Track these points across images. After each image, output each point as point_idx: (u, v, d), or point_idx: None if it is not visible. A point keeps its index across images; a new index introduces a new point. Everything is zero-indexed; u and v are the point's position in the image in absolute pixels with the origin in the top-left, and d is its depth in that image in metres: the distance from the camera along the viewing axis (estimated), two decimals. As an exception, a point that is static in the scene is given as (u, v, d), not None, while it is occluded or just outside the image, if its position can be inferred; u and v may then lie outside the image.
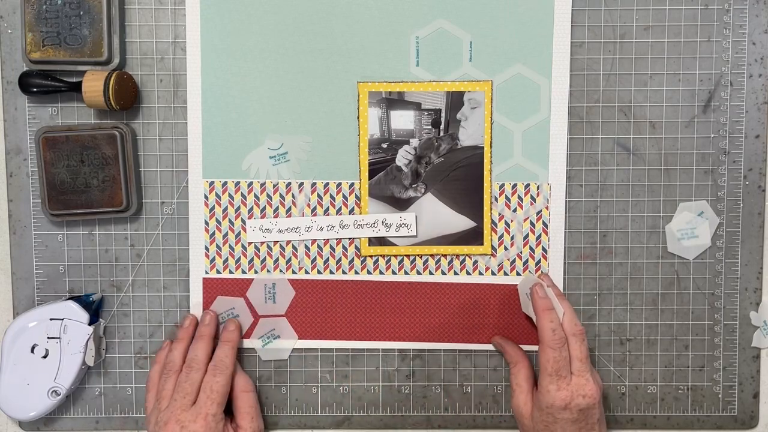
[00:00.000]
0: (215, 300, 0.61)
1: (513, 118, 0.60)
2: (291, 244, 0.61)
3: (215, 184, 0.60)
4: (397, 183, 0.60)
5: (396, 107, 0.60)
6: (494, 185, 0.60)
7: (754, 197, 0.61)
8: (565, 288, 0.61)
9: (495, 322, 0.61)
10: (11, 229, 0.60)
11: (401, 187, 0.60)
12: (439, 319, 0.61)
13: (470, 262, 0.61)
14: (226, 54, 0.59)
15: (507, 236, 0.61)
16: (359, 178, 0.60)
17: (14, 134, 0.60)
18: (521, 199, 0.60)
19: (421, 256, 0.61)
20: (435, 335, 0.61)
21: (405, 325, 0.61)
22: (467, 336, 0.61)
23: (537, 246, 0.61)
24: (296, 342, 0.61)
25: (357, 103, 0.60)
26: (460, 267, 0.61)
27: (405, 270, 0.61)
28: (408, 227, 0.60)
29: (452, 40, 0.60)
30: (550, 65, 0.60)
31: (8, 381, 0.57)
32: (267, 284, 0.61)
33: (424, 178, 0.60)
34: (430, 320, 0.61)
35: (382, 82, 0.59)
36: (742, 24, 0.60)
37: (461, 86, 0.60)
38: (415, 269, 0.61)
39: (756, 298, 0.62)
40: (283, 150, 0.60)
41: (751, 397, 0.62)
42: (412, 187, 0.60)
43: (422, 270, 0.61)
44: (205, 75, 0.59)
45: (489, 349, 0.62)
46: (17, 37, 0.59)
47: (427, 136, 0.60)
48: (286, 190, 0.60)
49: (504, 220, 0.61)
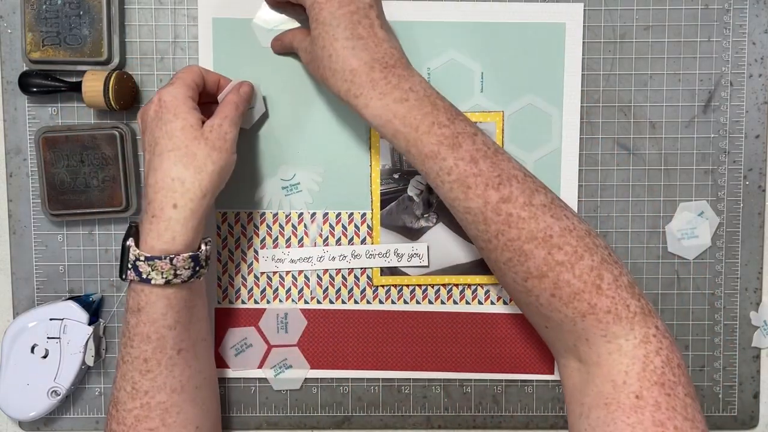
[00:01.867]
0: (227, 332, 0.61)
1: (524, 148, 0.60)
2: (303, 274, 0.61)
3: (228, 215, 0.60)
4: (409, 213, 0.60)
5: (409, 140, 0.59)
6: None
7: (754, 197, 0.61)
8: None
9: (507, 351, 0.61)
10: (11, 229, 0.60)
11: (413, 217, 0.60)
12: (452, 348, 0.61)
13: (482, 292, 0.61)
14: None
15: None
16: (371, 208, 0.60)
17: (14, 134, 0.60)
18: None
19: (433, 286, 0.61)
20: (448, 365, 0.61)
21: (417, 354, 0.61)
22: (479, 365, 0.61)
23: None
24: (308, 372, 0.61)
25: (369, 133, 0.60)
26: (472, 296, 0.61)
27: (417, 300, 0.61)
28: (420, 257, 0.60)
29: (463, 71, 0.60)
30: (561, 95, 0.60)
31: (8, 381, 0.57)
32: (279, 314, 0.61)
33: (435, 207, 0.60)
34: (443, 350, 0.61)
35: None
36: (742, 24, 0.60)
37: (472, 117, 0.60)
38: (427, 299, 0.61)
39: (756, 298, 0.62)
40: (295, 180, 0.60)
41: (751, 397, 0.62)
42: (423, 216, 0.60)
43: (434, 300, 0.61)
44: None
45: (503, 379, 0.61)
46: (17, 37, 0.59)
47: None
48: (299, 221, 0.61)
49: None
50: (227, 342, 0.61)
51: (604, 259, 0.48)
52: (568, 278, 0.47)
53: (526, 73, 0.60)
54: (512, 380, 0.62)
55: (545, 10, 0.59)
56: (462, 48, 0.59)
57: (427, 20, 0.59)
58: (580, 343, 0.47)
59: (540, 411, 0.62)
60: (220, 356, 0.61)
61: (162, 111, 0.50)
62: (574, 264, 0.47)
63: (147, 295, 0.50)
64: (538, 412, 0.62)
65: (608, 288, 0.47)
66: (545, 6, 0.59)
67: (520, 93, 0.60)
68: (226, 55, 0.59)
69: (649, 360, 0.45)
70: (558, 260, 0.47)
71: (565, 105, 0.60)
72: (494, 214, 0.48)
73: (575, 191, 0.60)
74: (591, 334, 0.47)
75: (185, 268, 0.50)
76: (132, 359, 0.51)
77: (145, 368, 0.51)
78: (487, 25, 0.59)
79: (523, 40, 0.59)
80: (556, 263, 0.47)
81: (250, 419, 0.62)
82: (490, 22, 0.59)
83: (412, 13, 0.59)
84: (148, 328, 0.50)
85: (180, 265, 0.49)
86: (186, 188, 0.49)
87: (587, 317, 0.46)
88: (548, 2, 0.59)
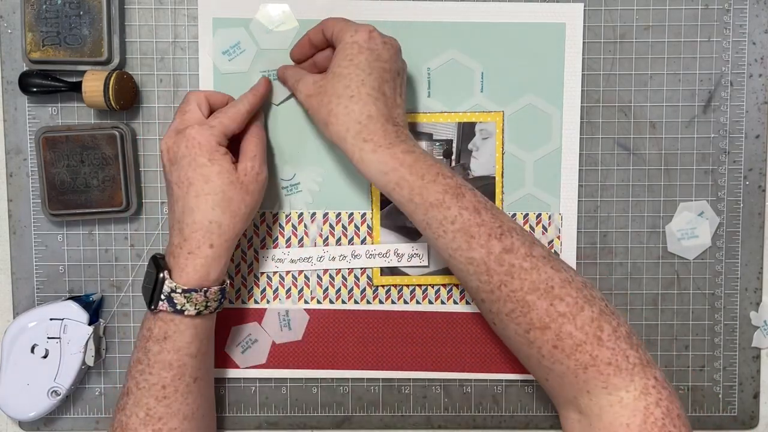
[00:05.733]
0: (230, 331, 0.61)
1: (524, 148, 0.60)
2: (303, 274, 0.61)
3: None
4: None
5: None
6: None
7: (754, 197, 0.61)
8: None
9: (508, 351, 0.61)
10: (11, 229, 0.60)
11: None
12: (452, 348, 0.61)
13: None
14: (238, 85, 0.58)
15: None
16: (371, 208, 0.60)
17: (14, 134, 0.60)
18: (533, 229, 0.60)
19: (433, 286, 0.61)
20: (448, 365, 0.61)
21: (417, 354, 0.61)
22: (479, 366, 0.61)
23: None
24: (311, 370, 0.61)
25: None
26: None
27: (417, 300, 0.61)
28: (420, 257, 0.60)
29: (464, 71, 0.60)
30: (561, 95, 0.60)
31: (8, 381, 0.57)
32: (280, 312, 0.61)
33: None
34: (443, 350, 0.61)
35: None
36: (742, 24, 0.60)
37: (473, 117, 0.60)
38: (427, 299, 0.61)
39: (756, 298, 0.62)
40: (295, 180, 0.60)
41: (751, 397, 0.62)
42: None
43: (434, 300, 0.61)
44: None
45: (503, 379, 0.62)
46: (17, 37, 0.59)
47: None
48: (299, 221, 0.61)
49: None
50: (232, 340, 0.61)
51: (602, 310, 0.48)
52: (570, 330, 0.47)
53: (526, 73, 0.60)
54: (512, 380, 0.62)
55: (545, 10, 0.59)
56: (462, 48, 0.59)
57: (427, 20, 0.59)
58: (581, 396, 0.48)
59: (540, 411, 0.62)
60: (227, 356, 0.61)
61: (196, 153, 0.51)
62: (575, 315, 0.47)
63: (177, 325, 0.51)
64: (538, 412, 0.62)
65: (608, 339, 0.47)
66: (545, 6, 0.59)
67: (520, 93, 0.60)
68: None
69: (649, 412, 0.46)
70: (560, 311, 0.47)
71: (565, 105, 0.60)
72: (497, 265, 0.48)
73: (575, 191, 0.60)
74: (592, 386, 0.47)
75: (215, 300, 0.52)
76: (149, 386, 0.52)
77: (162, 395, 0.52)
78: (487, 25, 0.59)
79: (523, 40, 0.59)
80: (558, 314, 0.47)
81: (250, 419, 0.62)
82: (490, 22, 0.59)
83: (412, 13, 0.59)
84: (172, 356, 0.51)
85: (211, 298, 0.52)
86: (222, 231, 0.51)
87: (589, 369, 0.47)
88: (548, 2, 0.59)
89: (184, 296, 0.50)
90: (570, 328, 0.47)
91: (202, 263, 0.51)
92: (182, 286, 0.51)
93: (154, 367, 0.51)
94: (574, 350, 0.47)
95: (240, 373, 0.61)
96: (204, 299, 0.51)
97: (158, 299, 0.51)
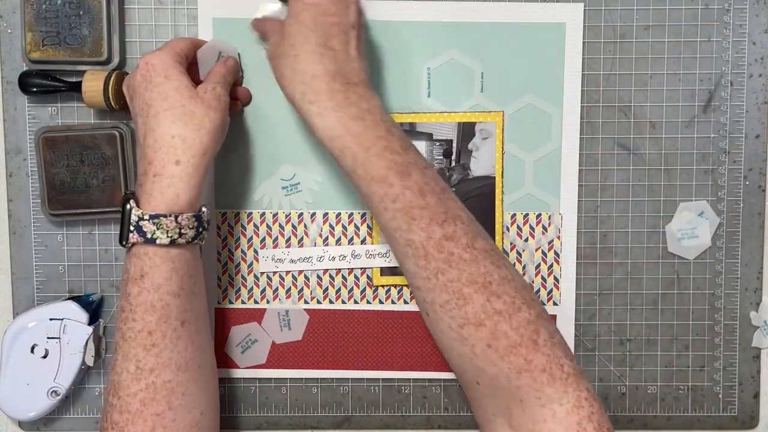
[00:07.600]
0: (230, 331, 0.61)
1: (524, 148, 0.60)
2: (303, 274, 0.61)
3: (228, 215, 0.60)
4: None
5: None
6: (506, 215, 0.60)
7: (755, 197, 0.61)
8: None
9: None
10: (11, 229, 0.60)
11: None
12: None
13: None
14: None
15: (519, 266, 0.60)
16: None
17: (14, 134, 0.60)
18: (533, 229, 0.60)
19: None
20: (447, 365, 0.61)
21: (417, 354, 0.61)
22: None
23: (549, 276, 0.61)
24: (311, 371, 0.61)
25: None
26: None
27: None
28: None
29: (464, 71, 0.60)
30: (561, 95, 0.60)
31: (8, 381, 0.57)
32: (280, 312, 0.61)
33: None
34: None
35: (393, 113, 0.59)
36: (742, 24, 0.60)
37: (472, 117, 0.60)
38: None
39: (756, 298, 0.62)
40: (295, 180, 0.60)
41: (751, 397, 0.62)
42: None
43: None
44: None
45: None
46: (17, 37, 0.59)
47: (439, 167, 0.60)
48: (299, 221, 0.60)
49: (516, 249, 0.60)
50: (232, 340, 0.61)
51: (540, 314, 0.47)
52: (505, 329, 0.46)
53: (526, 73, 0.60)
54: (512, 380, 0.62)
55: (545, 10, 0.59)
56: (462, 48, 0.59)
57: (427, 20, 0.59)
58: (514, 405, 0.47)
59: (540, 411, 0.62)
60: (227, 356, 0.61)
61: (151, 74, 0.50)
62: (512, 315, 0.46)
63: (151, 258, 0.49)
64: (538, 412, 0.62)
65: (544, 344, 0.46)
66: (545, 6, 0.59)
67: (520, 93, 0.60)
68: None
69: (582, 427, 0.45)
70: (497, 309, 0.46)
71: (565, 105, 0.60)
72: (436, 251, 0.47)
73: (575, 191, 0.60)
74: (525, 394, 0.46)
75: (189, 228, 0.49)
76: (135, 334, 0.49)
77: (150, 342, 0.49)
78: (487, 25, 0.59)
79: (523, 40, 0.59)
80: (494, 312, 0.46)
81: (250, 419, 0.62)
82: (490, 22, 0.59)
83: (412, 13, 0.59)
84: (152, 295, 0.49)
85: (184, 224, 0.49)
86: (187, 144, 0.49)
87: (522, 374, 0.46)
88: (548, 2, 0.59)
89: (152, 222, 0.48)
90: (505, 328, 0.46)
91: (168, 183, 0.48)
92: (149, 212, 0.48)
93: (137, 311, 0.49)
94: (508, 352, 0.46)
95: (240, 373, 0.61)
96: (176, 225, 0.48)
97: (128, 231, 0.48)
